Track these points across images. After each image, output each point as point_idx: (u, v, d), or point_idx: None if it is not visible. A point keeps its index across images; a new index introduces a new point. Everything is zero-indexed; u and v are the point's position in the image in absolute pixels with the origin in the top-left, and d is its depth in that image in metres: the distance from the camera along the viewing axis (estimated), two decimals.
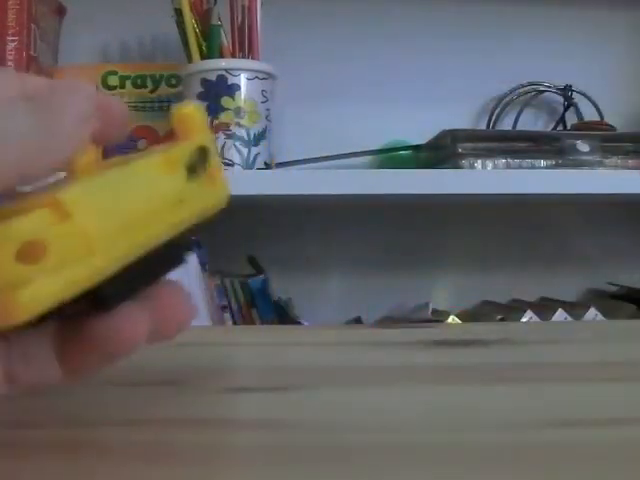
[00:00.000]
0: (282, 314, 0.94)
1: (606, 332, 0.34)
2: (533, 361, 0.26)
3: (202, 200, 0.22)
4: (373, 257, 1.13)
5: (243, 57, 0.90)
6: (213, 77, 0.88)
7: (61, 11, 1.05)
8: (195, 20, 0.90)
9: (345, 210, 1.12)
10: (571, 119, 1.15)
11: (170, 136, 0.23)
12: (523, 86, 1.16)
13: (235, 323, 0.94)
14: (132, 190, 0.20)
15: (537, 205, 1.16)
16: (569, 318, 0.98)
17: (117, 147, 0.24)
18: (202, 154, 0.22)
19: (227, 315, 0.94)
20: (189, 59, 0.91)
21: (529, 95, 1.17)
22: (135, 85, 1.02)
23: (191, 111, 0.22)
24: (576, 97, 1.15)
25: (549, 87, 1.16)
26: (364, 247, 1.13)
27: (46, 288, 0.17)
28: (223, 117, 0.88)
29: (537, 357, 0.26)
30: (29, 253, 0.17)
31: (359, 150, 1.04)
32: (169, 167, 0.21)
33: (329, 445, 0.16)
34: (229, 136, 0.88)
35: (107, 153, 0.23)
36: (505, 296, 1.14)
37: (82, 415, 0.20)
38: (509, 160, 0.93)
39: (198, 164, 0.22)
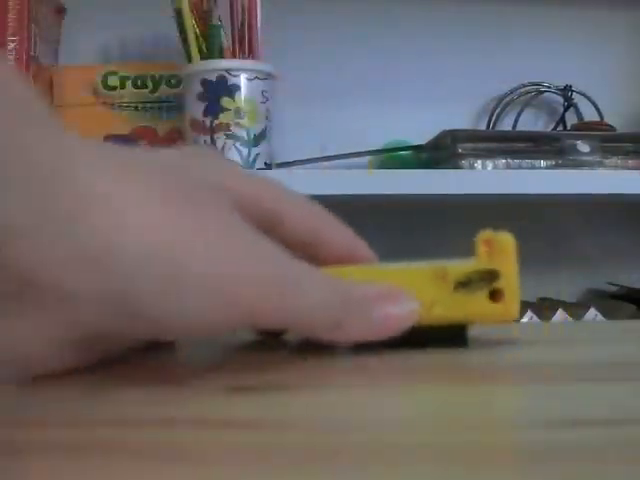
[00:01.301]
0: None
1: (606, 332, 0.34)
2: (533, 361, 0.26)
3: (471, 310, 0.26)
4: None
5: (243, 57, 0.90)
6: (213, 77, 0.88)
7: (61, 11, 1.05)
8: (195, 20, 0.90)
9: (345, 210, 1.11)
10: (571, 119, 1.15)
11: None
12: (523, 86, 1.16)
13: None
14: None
15: (537, 205, 1.16)
16: (569, 318, 0.98)
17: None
18: (488, 276, 0.26)
19: None
20: (189, 59, 0.91)
21: (529, 95, 1.17)
22: (135, 85, 1.02)
23: (503, 240, 0.26)
24: (576, 97, 1.15)
25: (549, 87, 1.16)
26: None
27: None
28: (223, 117, 0.88)
29: (537, 357, 0.26)
30: None
31: (359, 150, 1.04)
32: (435, 277, 0.26)
33: (329, 445, 0.16)
34: (229, 136, 0.88)
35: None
36: None
37: (82, 415, 0.20)
38: (509, 160, 0.93)
39: (476, 282, 0.26)
